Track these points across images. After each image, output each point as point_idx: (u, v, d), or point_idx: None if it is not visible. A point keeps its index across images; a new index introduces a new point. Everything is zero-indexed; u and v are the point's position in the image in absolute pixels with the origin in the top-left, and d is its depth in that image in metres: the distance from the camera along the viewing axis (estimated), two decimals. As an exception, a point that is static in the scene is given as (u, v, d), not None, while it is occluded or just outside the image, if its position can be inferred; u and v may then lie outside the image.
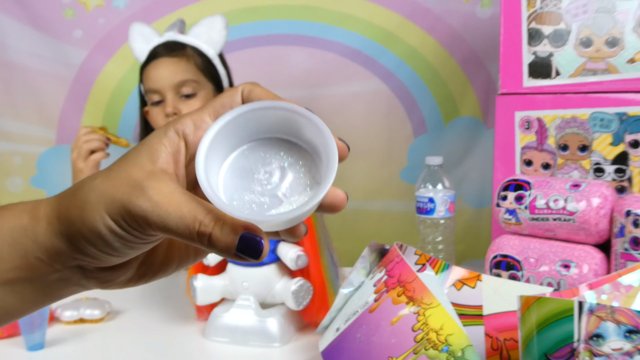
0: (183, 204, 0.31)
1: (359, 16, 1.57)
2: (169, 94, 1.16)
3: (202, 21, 1.22)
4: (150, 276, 0.38)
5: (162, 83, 1.16)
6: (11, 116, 1.61)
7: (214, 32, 1.21)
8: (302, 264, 0.84)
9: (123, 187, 0.32)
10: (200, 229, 0.31)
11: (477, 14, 1.55)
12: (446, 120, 1.61)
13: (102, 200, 0.32)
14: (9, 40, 1.57)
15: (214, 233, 0.31)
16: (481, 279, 0.74)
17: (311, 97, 1.60)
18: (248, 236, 0.31)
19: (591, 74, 0.97)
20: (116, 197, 0.32)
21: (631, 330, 0.50)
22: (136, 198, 0.31)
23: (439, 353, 0.61)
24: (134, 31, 1.22)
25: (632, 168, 0.95)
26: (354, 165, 1.62)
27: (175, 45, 1.19)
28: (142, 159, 0.33)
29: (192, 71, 1.18)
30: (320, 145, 0.34)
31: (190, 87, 1.17)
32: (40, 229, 0.34)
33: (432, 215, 1.06)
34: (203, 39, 1.21)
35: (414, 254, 0.76)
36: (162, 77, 1.16)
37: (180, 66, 1.17)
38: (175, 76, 1.16)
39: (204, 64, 1.20)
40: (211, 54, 1.22)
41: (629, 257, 0.81)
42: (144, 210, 0.31)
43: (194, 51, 1.20)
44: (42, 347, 0.85)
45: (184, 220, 0.31)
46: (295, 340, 0.87)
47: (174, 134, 0.34)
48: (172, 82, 1.16)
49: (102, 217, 0.32)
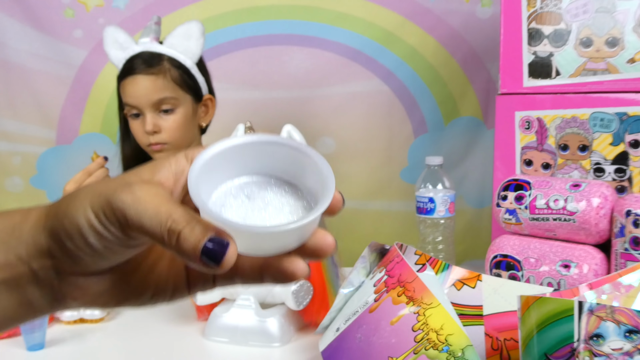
0: (163, 204, 0.31)
1: (359, 16, 1.57)
2: (147, 111, 1.15)
3: (177, 29, 1.18)
4: (123, 298, 0.37)
5: (140, 100, 1.15)
6: (11, 116, 1.61)
7: (191, 42, 1.17)
8: (302, 264, 0.84)
9: (113, 185, 0.32)
10: (172, 226, 0.30)
11: (477, 14, 1.55)
12: (446, 120, 1.61)
13: (89, 195, 0.32)
14: (9, 40, 1.57)
15: (183, 232, 0.30)
16: (481, 279, 0.74)
17: (311, 97, 1.60)
18: (216, 239, 0.29)
19: (591, 74, 0.97)
20: (103, 191, 0.32)
21: (631, 330, 0.50)
22: (120, 192, 0.31)
23: (439, 353, 0.61)
24: (108, 37, 1.18)
25: (632, 168, 0.95)
26: (354, 165, 1.62)
27: (152, 58, 1.16)
28: (143, 171, 0.34)
29: (169, 88, 1.16)
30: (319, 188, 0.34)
31: (169, 104, 1.16)
32: (27, 226, 0.34)
33: (432, 215, 1.06)
34: (180, 50, 1.17)
35: (414, 254, 0.76)
36: (140, 95, 1.14)
37: (157, 84, 1.14)
38: (153, 94, 1.14)
39: (181, 77, 1.18)
40: (189, 64, 1.18)
41: (629, 257, 0.81)
42: (124, 203, 0.31)
43: (170, 63, 1.16)
44: (42, 347, 0.85)
45: (158, 216, 0.30)
46: (295, 340, 0.87)
47: (183, 157, 0.35)
48: (150, 100, 1.14)
49: (84, 209, 0.32)
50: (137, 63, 1.15)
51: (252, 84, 1.61)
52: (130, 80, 1.15)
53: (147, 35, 1.18)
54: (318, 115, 1.60)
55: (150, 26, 1.19)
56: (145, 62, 1.15)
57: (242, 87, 1.59)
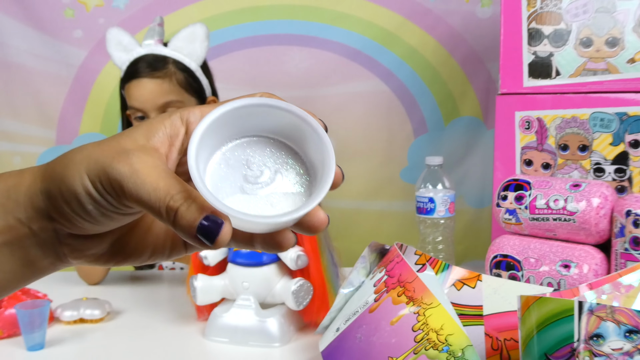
0: (161, 178, 0.31)
1: (359, 16, 1.57)
2: (152, 114, 1.15)
3: (182, 32, 1.18)
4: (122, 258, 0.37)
5: (145, 104, 1.15)
6: (11, 116, 1.61)
7: (195, 45, 1.17)
8: (302, 264, 0.84)
9: (110, 152, 0.32)
10: (170, 203, 0.30)
11: (477, 14, 1.55)
12: (446, 120, 1.61)
13: (85, 161, 0.32)
14: (9, 40, 1.57)
15: (181, 209, 0.30)
16: (481, 279, 0.74)
17: (311, 97, 1.60)
18: (212, 218, 0.30)
19: (591, 74, 0.97)
20: (99, 159, 0.32)
21: (631, 330, 0.50)
22: (117, 162, 0.31)
23: (439, 353, 0.61)
24: (112, 38, 1.18)
25: (632, 168, 0.95)
26: (354, 165, 1.62)
27: (157, 61, 1.16)
28: (138, 134, 0.33)
29: (175, 91, 1.16)
30: (319, 160, 0.33)
31: (174, 107, 1.16)
32: (22, 188, 0.34)
33: (432, 215, 1.06)
34: (185, 52, 1.17)
35: (414, 254, 0.76)
36: (145, 99, 1.14)
37: (163, 87, 1.14)
38: (159, 98, 1.14)
39: (186, 80, 1.18)
40: (193, 67, 1.19)
41: (629, 257, 0.81)
42: (121, 175, 0.31)
43: (175, 66, 1.17)
44: (42, 347, 0.85)
45: (157, 192, 0.31)
46: (295, 340, 0.87)
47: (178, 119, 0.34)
48: (155, 104, 1.14)
49: (80, 176, 0.32)
50: (142, 66, 1.15)
51: (252, 84, 1.61)
52: (136, 84, 1.15)
53: (151, 38, 1.17)
54: (318, 115, 1.60)
55: (154, 28, 1.19)
56: (151, 65, 1.15)
57: (242, 87, 1.59)
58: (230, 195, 0.33)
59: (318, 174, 0.33)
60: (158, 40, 1.17)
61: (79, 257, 0.36)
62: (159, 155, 0.33)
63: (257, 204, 0.33)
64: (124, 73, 1.18)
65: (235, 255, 0.86)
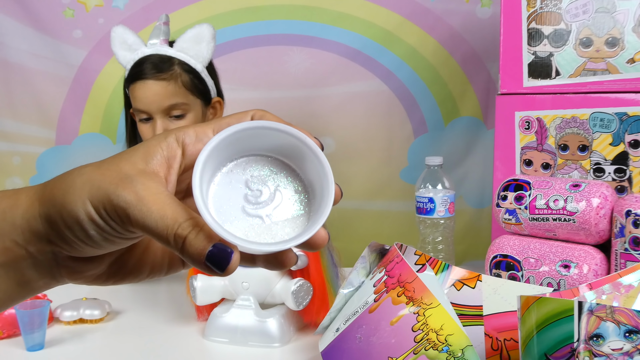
0: (167, 205, 0.31)
1: (359, 16, 1.57)
2: (157, 116, 1.14)
3: (188, 33, 1.16)
4: (120, 277, 0.38)
5: (150, 106, 1.14)
6: (11, 116, 1.61)
7: (202, 46, 1.16)
8: (302, 264, 0.84)
9: (111, 177, 0.32)
10: (178, 231, 0.31)
11: (477, 14, 1.55)
12: (446, 120, 1.61)
13: (87, 187, 0.32)
14: (9, 40, 1.57)
15: (189, 237, 0.31)
16: (481, 279, 0.74)
17: (311, 97, 1.60)
18: (220, 247, 0.31)
19: (591, 74, 0.97)
20: (102, 185, 0.32)
21: (631, 330, 0.50)
22: (122, 189, 0.31)
23: (439, 353, 0.61)
24: (116, 37, 1.17)
25: (632, 168, 0.95)
26: (354, 165, 1.61)
27: (163, 62, 1.14)
28: (136, 157, 0.33)
29: (180, 94, 1.15)
30: (317, 181, 0.34)
31: (180, 109, 1.15)
32: (19, 210, 0.34)
33: (432, 215, 1.06)
34: (191, 54, 1.16)
35: (414, 254, 0.76)
36: (151, 101, 1.13)
37: (169, 89, 1.13)
38: (164, 100, 1.13)
39: (192, 82, 1.17)
40: (199, 68, 1.18)
41: (629, 257, 0.81)
42: (127, 203, 0.31)
43: (181, 67, 1.15)
44: (42, 347, 0.85)
45: (164, 220, 0.31)
46: (295, 341, 0.87)
47: (174, 141, 0.34)
48: (161, 106, 1.13)
49: (83, 202, 0.32)
50: (147, 67, 1.14)
51: (252, 84, 1.61)
52: (141, 85, 1.14)
53: (157, 37, 1.16)
54: (318, 115, 1.60)
55: (160, 26, 1.17)
56: (156, 66, 1.14)
57: (242, 87, 1.59)
58: (234, 219, 0.33)
59: (317, 193, 0.34)
60: (163, 40, 1.16)
61: (77, 278, 0.36)
62: (159, 180, 0.33)
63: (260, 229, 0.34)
64: (128, 73, 1.17)
65: (235, 256, 0.86)
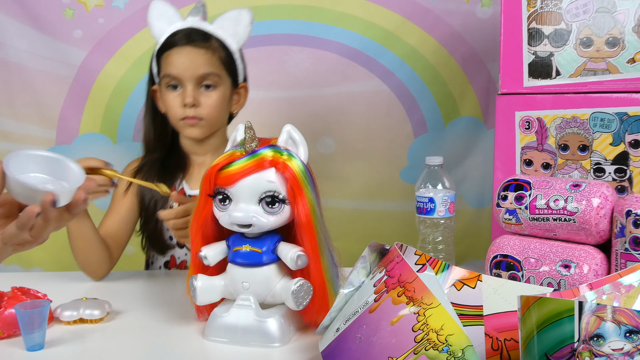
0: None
1: (359, 16, 1.57)
2: (189, 83, 1.16)
3: (228, 13, 1.20)
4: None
5: (184, 72, 1.15)
6: (11, 116, 1.61)
7: (240, 28, 1.19)
8: (302, 264, 0.83)
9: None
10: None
11: (477, 14, 1.55)
12: (446, 120, 1.61)
13: None
14: (9, 40, 1.57)
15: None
16: (481, 279, 0.74)
17: (311, 97, 1.60)
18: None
19: (591, 74, 0.97)
20: None
21: (631, 330, 0.50)
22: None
23: (439, 353, 0.61)
24: (155, 9, 1.19)
25: (632, 168, 0.95)
26: (354, 165, 1.62)
27: (200, 34, 1.17)
28: None
29: (215, 64, 1.17)
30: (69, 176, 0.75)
31: (212, 80, 1.17)
32: None
33: (432, 215, 1.06)
34: (229, 32, 1.19)
35: (414, 254, 0.76)
36: (185, 67, 1.15)
37: (205, 58, 1.16)
38: (199, 68, 1.15)
39: (226, 58, 1.19)
40: (234, 49, 1.20)
41: (630, 257, 0.81)
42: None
43: (218, 44, 1.18)
44: (41, 347, 0.85)
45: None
46: (295, 341, 0.87)
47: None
48: (195, 73, 1.15)
49: None
50: (185, 36, 1.17)
51: (252, 84, 1.60)
52: (177, 51, 1.16)
53: (196, 15, 1.20)
54: (318, 115, 1.60)
55: (199, 7, 1.22)
56: (195, 37, 1.17)
57: (242, 87, 1.59)
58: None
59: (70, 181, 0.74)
60: (202, 17, 1.20)
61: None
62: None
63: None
64: (162, 42, 1.19)
65: (235, 255, 0.85)
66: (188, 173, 1.28)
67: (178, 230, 1.04)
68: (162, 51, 1.19)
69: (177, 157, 1.28)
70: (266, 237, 0.85)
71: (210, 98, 1.18)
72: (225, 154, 0.84)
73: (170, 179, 1.25)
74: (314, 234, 0.82)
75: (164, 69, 1.18)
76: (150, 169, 1.25)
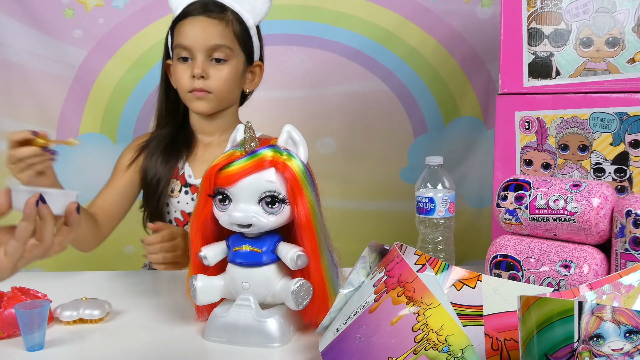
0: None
1: (359, 16, 1.57)
2: (199, 54, 1.14)
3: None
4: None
5: (195, 42, 1.14)
6: (11, 116, 1.61)
7: (258, 3, 1.17)
8: (302, 264, 0.83)
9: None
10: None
11: (477, 14, 1.55)
12: (446, 120, 1.61)
13: None
14: (9, 40, 1.57)
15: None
16: (481, 279, 0.74)
17: (311, 97, 1.60)
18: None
19: (591, 74, 0.97)
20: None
21: (631, 330, 0.50)
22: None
23: (439, 353, 0.61)
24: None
25: (632, 168, 0.95)
26: (354, 165, 1.62)
27: (216, 6, 1.16)
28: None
29: (228, 37, 1.15)
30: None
31: (223, 53, 1.15)
32: None
33: (432, 215, 1.06)
34: (246, 7, 1.17)
35: (414, 254, 0.76)
36: (197, 37, 1.14)
37: (218, 29, 1.14)
38: (211, 39, 1.14)
39: (241, 33, 1.17)
40: (250, 24, 1.18)
41: (630, 257, 0.81)
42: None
43: (234, 16, 1.16)
44: (41, 347, 0.85)
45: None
46: (295, 341, 0.87)
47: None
48: (206, 43, 1.14)
49: None
50: (201, 6, 1.15)
51: (252, 84, 1.61)
52: (190, 21, 1.15)
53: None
54: (318, 115, 1.60)
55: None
56: (210, 7, 1.15)
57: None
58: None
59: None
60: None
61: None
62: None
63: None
64: (178, 13, 1.18)
65: (234, 256, 0.85)
66: (192, 153, 1.26)
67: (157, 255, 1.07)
68: (176, 22, 1.18)
69: (185, 135, 1.26)
70: (266, 237, 0.85)
71: (221, 71, 1.16)
72: (225, 154, 0.84)
73: (175, 156, 1.24)
74: (313, 234, 0.82)
75: (176, 39, 1.17)
76: (157, 145, 1.24)
